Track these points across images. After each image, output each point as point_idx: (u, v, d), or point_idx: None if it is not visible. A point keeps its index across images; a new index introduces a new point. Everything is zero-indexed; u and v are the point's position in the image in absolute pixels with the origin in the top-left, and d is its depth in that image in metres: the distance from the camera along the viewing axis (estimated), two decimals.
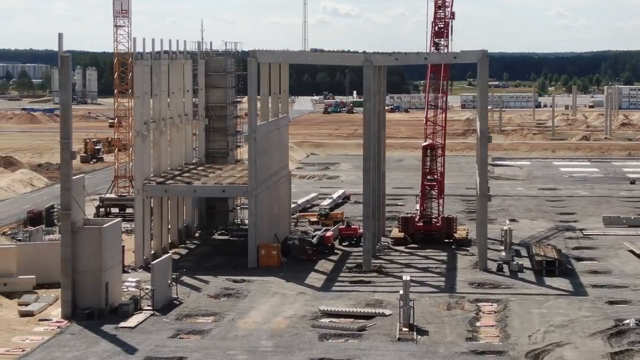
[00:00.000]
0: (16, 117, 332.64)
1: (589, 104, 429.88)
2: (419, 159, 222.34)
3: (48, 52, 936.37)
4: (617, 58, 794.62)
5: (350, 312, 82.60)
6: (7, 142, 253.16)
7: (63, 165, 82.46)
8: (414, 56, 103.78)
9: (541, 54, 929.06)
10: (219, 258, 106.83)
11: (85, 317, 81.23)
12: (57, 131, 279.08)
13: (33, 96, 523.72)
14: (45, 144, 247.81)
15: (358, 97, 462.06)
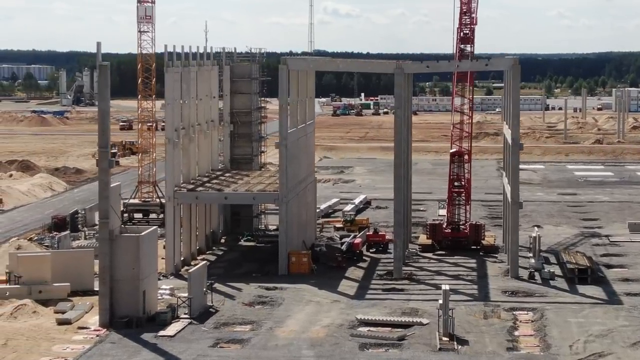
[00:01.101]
0: (27, 120, 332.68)
1: (597, 107, 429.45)
2: (432, 163, 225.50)
3: (51, 53, 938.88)
4: (621, 60, 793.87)
5: (387, 321, 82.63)
6: (21, 145, 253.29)
7: (101, 173, 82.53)
8: (446, 64, 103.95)
9: (544, 55, 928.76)
10: (248, 265, 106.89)
11: (124, 325, 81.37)
12: (68, 134, 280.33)
13: (40, 98, 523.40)
14: (58, 147, 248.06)
15: (366, 99, 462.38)
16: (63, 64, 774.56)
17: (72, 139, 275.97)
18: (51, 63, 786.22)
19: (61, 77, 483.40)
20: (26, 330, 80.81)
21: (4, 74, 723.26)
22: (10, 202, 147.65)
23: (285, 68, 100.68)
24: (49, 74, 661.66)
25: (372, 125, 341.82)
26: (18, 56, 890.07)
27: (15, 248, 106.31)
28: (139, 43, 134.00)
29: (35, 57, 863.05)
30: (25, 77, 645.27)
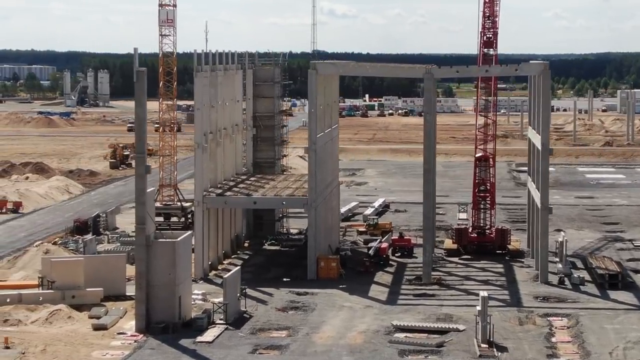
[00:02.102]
0: (34, 121, 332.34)
1: (602, 108, 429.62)
2: (443, 165, 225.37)
3: (50, 53, 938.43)
4: (621, 61, 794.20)
5: (423, 327, 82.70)
6: (31, 146, 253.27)
7: (138, 179, 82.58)
8: (475, 69, 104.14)
9: (542, 55, 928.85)
10: (275, 270, 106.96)
11: (160, 330, 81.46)
12: (76, 135, 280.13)
13: (43, 98, 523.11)
14: (68, 149, 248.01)
15: (369, 100, 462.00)
16: (63, 64, 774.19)
17: (81, 140, 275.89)
18: (51, 63, 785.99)
19: (65, 78, 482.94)
20: (63, 335, 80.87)
21: (6, 74, 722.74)
22: (29, 205, 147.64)
23: (315, 73, 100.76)
24: (51, 74, 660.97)
25: (378, 126, 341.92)
26: (17, 56, 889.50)
27: (44, 252, 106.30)
28: (160, 46, 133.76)
29: (35, 58, 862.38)
30: (27, 78, 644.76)
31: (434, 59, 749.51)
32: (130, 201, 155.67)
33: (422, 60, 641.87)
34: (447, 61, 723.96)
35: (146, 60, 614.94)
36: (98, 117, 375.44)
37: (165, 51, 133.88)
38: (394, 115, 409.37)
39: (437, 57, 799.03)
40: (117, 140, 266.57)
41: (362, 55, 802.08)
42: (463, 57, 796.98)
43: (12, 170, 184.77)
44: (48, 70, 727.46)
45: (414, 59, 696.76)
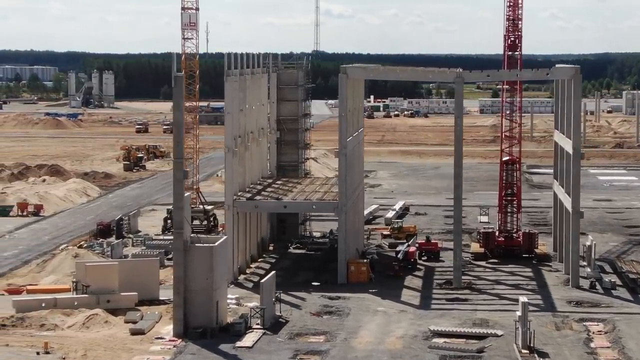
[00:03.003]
0: (42, 122, 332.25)
1: (607, 109, 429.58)
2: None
3: (49, 53, 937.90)
4: (622, 61, 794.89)
5: (461, 332, 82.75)
6: (41, 148, 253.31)
7: (176, 184, 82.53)
8: (507, 73, 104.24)
9: (541, 56, 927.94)
10: (304, 274, 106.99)
11: (198, 335, 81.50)
12: (85, 137, 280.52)
13: (47, 99, 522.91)
14: (79, 150, 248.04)
15: (375, 101, 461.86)
16: (64, 64, 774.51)
17: (90, 142, 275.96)
18: (51, 63, 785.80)
19: (70, 79, 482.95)
20: (102, 340, 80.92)
21: (7, 74, 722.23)
22: (49, 207, 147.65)
23: (345, 77, 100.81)
24: (54, 75, 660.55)
25: (386, 128, 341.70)
26: (17, 56, 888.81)
27: (73, 256, 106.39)
28: (183, 49, 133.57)
29: (36, 58, 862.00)
30: (30, 79, 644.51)
31: (434, 59, 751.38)
32: (149, 204, 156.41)
33: (423, 60, 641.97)
34: (447, 62, 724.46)
35: (150, 61, 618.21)
36: (105, 119, 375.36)
37: (188, 55, 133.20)
38: (399, 116, 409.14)
39: (438, 58, 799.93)
40: (126, 141, 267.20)
41: (363, 56, 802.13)
42: (463, 58, 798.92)
43: (27, 173, 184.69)
44: (50, 70, 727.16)
45: (414, 60, 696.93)
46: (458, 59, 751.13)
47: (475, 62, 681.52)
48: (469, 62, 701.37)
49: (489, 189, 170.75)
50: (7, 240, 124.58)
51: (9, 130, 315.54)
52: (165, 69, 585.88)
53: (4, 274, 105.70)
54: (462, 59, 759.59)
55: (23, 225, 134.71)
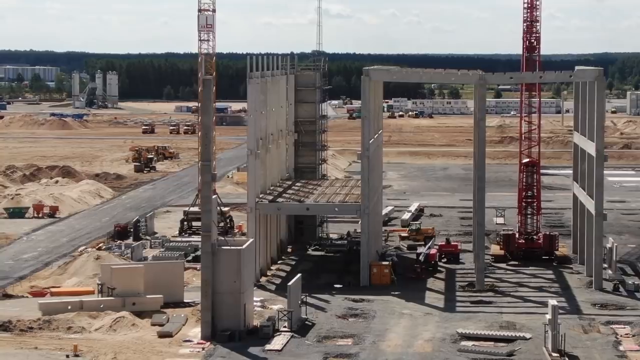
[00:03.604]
0: (48, 123, 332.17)
1: (611, 110, 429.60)
2: (464, 168, 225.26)
3: (49, 53, 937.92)
4: (624, 61, 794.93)
5: (490, 335, 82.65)
6: (50, 149, 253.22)
7: (204, 187, 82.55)
8: (530, 75, 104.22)
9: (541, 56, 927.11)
10: (325, 276, 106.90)
11: (226, 338, 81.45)
12: (92, 138, 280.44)
13: (50, 100, 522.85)
14: (88, 151, 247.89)
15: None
16: (64, 64, 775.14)
17: (98, 143, 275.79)
18: (52, 64, 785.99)
19: (74, 80, 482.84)
20: (130, 343, 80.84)
21: (9, 75, 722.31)
22: (64, 209, 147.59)
23: (368, 79, 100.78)
24: (56, 75, 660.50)
25: (391, 128, 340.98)
26: (17, 56, 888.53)
27: (95, 258, 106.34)
28: (200, 51, 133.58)
29: (36, 58, 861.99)
30: (32, 79, 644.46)
31: (434, 59, 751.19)
32: (163, 205, 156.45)
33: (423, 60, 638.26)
34: (447, 62, 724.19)
35: (152, 62, 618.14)
36: (109, 119, 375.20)
37: (205, 58, 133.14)
38: (404, 116, 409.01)
39: (439, 58, 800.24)
40: (133, 142, 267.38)
41: (364, 56, 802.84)
42: (462, 58, 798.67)
43: (39, 174, 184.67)
44: (52, 71, 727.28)
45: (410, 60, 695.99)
46: (460, 59, 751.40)
47: (474, 62, 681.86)
48: (471, 62, 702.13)
49: (501, 190, 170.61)
50: (25, 242, 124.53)
51: (15, 130, 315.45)
52: (167, 70, 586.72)
53: (26, 276, 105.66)
54: (463, 59, 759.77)
55: (40, 227, 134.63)
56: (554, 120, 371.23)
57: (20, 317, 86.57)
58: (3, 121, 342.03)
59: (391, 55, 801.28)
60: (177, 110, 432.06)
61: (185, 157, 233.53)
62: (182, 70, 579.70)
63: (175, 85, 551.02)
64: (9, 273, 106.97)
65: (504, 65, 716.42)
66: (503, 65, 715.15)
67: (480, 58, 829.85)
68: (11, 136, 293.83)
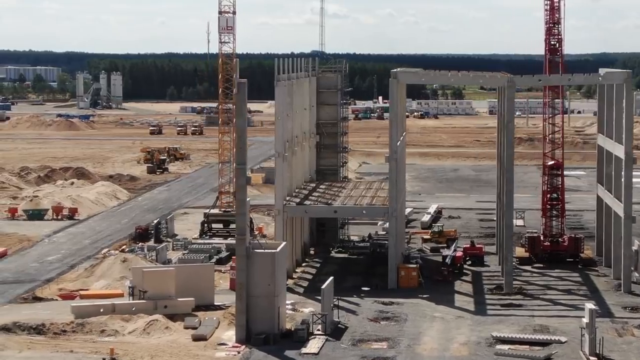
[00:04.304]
0: (55, 124, 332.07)
1: None
2: (474, 169, 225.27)
3: (48, 54, 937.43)
4: (624, 62, 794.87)
5: (525, 339, 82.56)
6: (59, 150, 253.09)
7: (239, 190, 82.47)
8: (558, 78, 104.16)
9: (539, 56, 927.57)
10: (352, 278, 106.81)
11: (261, 342, 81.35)
12: (101, 139, 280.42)
13: (53, 100, 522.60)
14: (98, 152, 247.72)
15: (383, 101, 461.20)
16: (64, 65, 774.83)
17: (106, 143, 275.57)
18: (52, 64, 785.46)
19: (78, 80, 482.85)
20: (166, 346, 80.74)
21: (11, 75, 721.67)
22: (82, 211, 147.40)
23: (396, 82, 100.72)
24: (59, 75, 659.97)
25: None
26: (16, 57, 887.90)
27: (121, 261, 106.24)
28: (220, 53, 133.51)
29: (37, 58, 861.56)
30: (35, 79, 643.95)
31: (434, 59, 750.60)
32: (180, 207, 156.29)
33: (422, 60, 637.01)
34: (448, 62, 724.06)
35: (156, 62, 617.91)
36: (115, 120, 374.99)
37: (225, 60, 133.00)
38: (409, 117, 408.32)
39: (440, 58, 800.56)
40: (142, 143, 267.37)
41: (363, 56, 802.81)
42: (463, 58, 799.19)
43: (53, 175, 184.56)
44: (53, 71, 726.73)
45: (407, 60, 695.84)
46: (460, 59, 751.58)
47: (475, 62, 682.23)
48: (470, 62, 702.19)
49: (515, 192, 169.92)
50: (47, 245, 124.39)
51: (23, 131, 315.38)
52: (170, 70, 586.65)
53: (53, 278, 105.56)
54: (463, 59, 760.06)
55: (60, 229, 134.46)
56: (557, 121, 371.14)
57: (53, 320, 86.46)
58: (10, 122, 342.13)
59: (391, 56, 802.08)
60: (181, 110, 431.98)
61: (196, 158, 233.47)
62: (185, 71, 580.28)
63: (179, 86, 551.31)
64: (36, 276, 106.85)
65: (504, 65, 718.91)
66: (504, 65, 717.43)
67: (480, 58, 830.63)
68: (19, 137, 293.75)
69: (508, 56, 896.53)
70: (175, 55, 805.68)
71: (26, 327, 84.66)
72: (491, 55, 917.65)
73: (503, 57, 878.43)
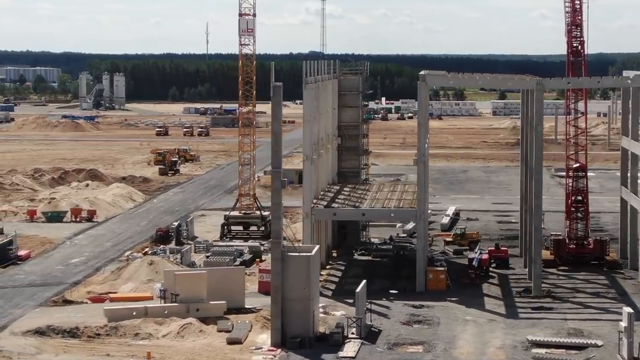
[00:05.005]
0: (61, 125, 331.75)
1: (619, 111, 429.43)
2: (485, 171, 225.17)
3: (46, 54, 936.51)
4: (624, 63, 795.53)
5: (561, 343, 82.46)
6: (68, 152, 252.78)
7: (274, 194, 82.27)
8: (587, 80, 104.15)
9: (536, 56, 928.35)
10: (379, 281, 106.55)
11: (297, 345, 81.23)
12: (107, 140, 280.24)
13: (56, 101, 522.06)
14: (107, 154, 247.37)
15: (386, 102, 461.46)
16: (63, 65, 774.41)
17: (113, 145, 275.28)
18: (51, 64, 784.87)
19: (81, 81, 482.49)
20: (202, 350, 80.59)
21: (11, 76, 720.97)
22: (100, 213, 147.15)
23: (424, 84, 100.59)
24: (60, 76, 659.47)
25: (403, 130, 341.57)
26: (15, 57, 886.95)
27: (148, 263, 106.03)
28: (240, 56, 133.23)
29: (35, 59, 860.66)
30: (35, 80, 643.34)
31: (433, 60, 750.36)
32: (197, 209, 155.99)
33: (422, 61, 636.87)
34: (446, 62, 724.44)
35: (157, 62, 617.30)
36: (119, 121, 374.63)
37: (246, 63, 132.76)
38: (412, 118, 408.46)
39: (439, 59, 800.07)
40: (149, 144, 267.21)
41: (363, 56, 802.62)
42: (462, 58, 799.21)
43: (66, 177, 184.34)
44: (53, 72, 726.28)
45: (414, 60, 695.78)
46: (459, 60, 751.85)
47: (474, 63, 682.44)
48: (468, 62, 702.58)
49: None
50: (69, 247, 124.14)
51: (29, 133, 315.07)
52: (172, 71, 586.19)
53: (80, 281, 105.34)
54: (462, 60, 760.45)
55: (80, 232, 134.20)
56: (560, 122, 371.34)
57: (86, 323, 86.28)
58: (16, 123, 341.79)
59: (390, 56, 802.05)
60: (185, 111, 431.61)
61: (205, 160, 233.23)
62: (187, 72, 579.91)
63: (180, 87, 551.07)
64: (62, 278, 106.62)
65: (503, 66, 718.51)
66: (503, 66, 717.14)
67: (479, 59, 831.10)
68: (26, 138, 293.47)
69: (504, 56, 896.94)
70: (174, 55, 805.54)
71: (60, 331, 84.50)
72: (487, 55, 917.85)
73: (500, 57, 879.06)
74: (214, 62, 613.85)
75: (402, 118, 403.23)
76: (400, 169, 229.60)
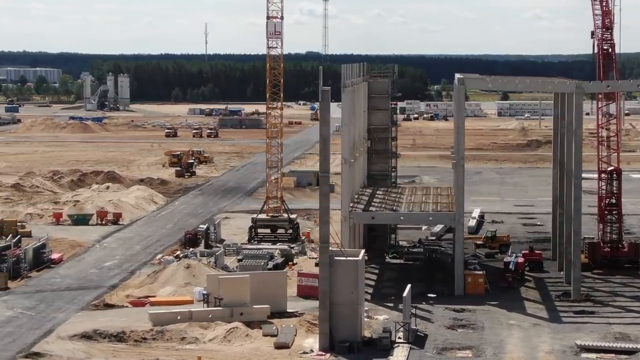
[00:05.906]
0: (69, 127, 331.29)
1: (625, 112, 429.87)
2: (499, 173, 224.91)
3: (43, 55, 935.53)
4: (624, 63, 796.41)
5: (610, 347, 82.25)
6: (79, 153, 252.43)
7: (322, 197, 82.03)
8: (627, 84, 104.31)
9: (533, 56, 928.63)
10: (416, 285, 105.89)
11: (346, 350, 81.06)
12: (117, 141, 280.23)
13: (59, 102, 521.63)
14: (119, 155, 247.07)
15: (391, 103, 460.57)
16: (62, 66, 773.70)
17: (124, 146, 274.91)
18: (50, 65, 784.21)
19: (85, 82, 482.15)
20: (250, 354, 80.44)
21: (11, 76, 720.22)
22: (125, 215, 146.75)
23: (463, 88, 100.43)
24: (61, 77, 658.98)
25: (411, 131, 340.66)
26: (12, 58, 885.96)
27: (185, 267, 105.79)
28: (268, 58, 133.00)
29: (33, 59, 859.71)
30: (37, 81, 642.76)
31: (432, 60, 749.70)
32: (220, 211, 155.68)
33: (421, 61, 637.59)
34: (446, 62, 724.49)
35: (160, 63, 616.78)
36: (126, 122, 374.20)
37: (273, 60, 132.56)
38: (419, 119, 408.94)
39: (438, 59, 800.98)
40: (160, 146, 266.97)
41: (362, 57, 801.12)
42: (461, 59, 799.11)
43: (85, 179, 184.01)
44: (54, 72, 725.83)
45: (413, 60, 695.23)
46: (457, 60, 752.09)
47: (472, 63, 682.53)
48: (468, 62, 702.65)
49: (546, 195, 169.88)
50: (100, 250, 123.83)
51: (38, 134, 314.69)
52: (175, 72, 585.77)
53: (117, 285, 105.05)
54: (461, 60, 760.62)
55: (108, 234, 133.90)
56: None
57: (131, 327, 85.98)
58: (24, 124, 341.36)
59: (386, 56, 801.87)
60: (190, 112, 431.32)
61: (219, 162, 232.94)
62: (189, 72, 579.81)
63: (183, 87, 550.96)
64: (99, 282, 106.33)
65: (502, 66, 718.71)
66: (502, 66, 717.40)
67: (477, 59, 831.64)
68: (35, 140, 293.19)
69: (501, 57, 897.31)
70: (173, 56, 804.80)
71: (107, 335, 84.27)
72: (483, 55, 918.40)
73: (496, 57, 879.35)
74: (216, 63, 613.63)
75: (408, 119, 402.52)
76: (412, 171, 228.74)
